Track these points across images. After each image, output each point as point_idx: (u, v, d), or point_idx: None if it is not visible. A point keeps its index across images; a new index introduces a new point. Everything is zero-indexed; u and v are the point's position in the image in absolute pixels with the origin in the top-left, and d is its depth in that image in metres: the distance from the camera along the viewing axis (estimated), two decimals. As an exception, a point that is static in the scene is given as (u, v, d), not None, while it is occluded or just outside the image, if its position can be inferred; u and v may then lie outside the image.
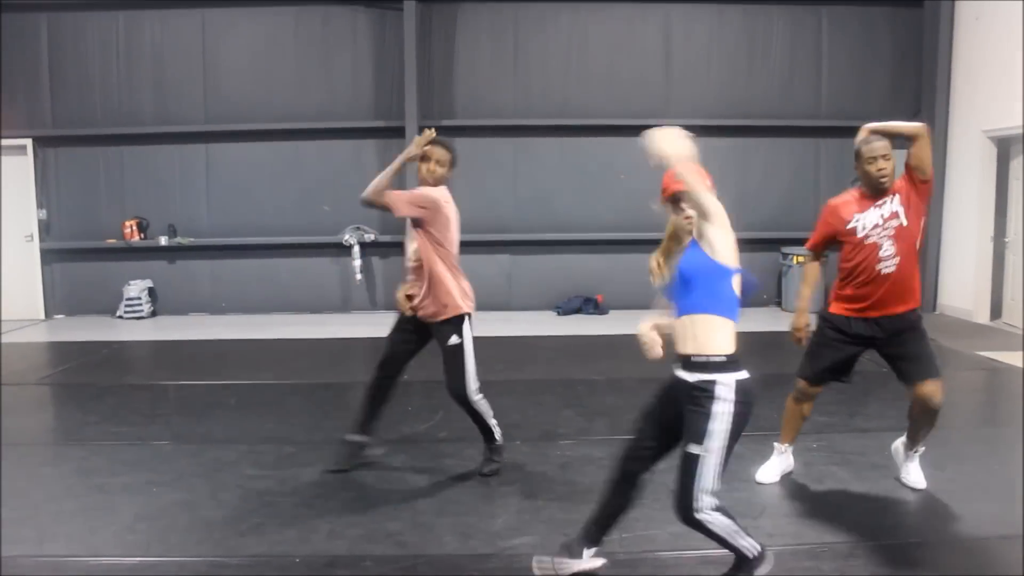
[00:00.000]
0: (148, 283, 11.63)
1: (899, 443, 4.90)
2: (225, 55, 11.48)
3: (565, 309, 11.49)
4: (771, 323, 10.63)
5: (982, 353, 8.50)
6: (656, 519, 4.29)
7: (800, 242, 11.41)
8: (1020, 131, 9.83)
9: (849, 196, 4.82)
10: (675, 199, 3.44)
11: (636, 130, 12.31)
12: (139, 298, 11.45)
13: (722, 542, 3.30)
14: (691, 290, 3.28)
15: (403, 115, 11.16)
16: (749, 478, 4.92)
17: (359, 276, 11.53)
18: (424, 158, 5.03)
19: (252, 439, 5.86)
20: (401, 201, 4.85)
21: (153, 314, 11.62)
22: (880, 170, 4.61)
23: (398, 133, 11.23)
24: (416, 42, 11.09)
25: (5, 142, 11.39)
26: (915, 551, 3.96)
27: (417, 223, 4.96)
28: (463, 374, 4.99)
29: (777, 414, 6.02)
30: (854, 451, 5.43)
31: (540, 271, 11.68)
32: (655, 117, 11.46)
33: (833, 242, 4.84)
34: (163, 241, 11.52)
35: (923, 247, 11.40)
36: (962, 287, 11.12)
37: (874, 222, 4.63)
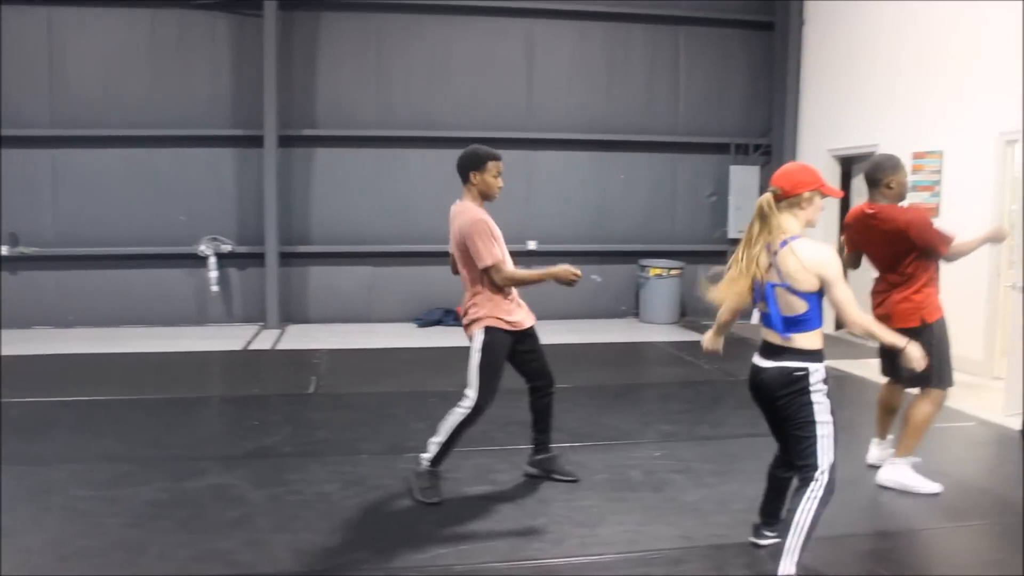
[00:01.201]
0: (-13, 295, 11.01)
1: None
2: (74, 57, 10.97)
3: (425, 321, 11.47)
4: (633, 334, 10.91)
5: (830, 363, 8.84)
6: (496, 529, 4.34)
7: (658, 254, 11.84)
8: (863, 150, 10.39)
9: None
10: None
11: (498, 143, 12.46)
12: (-23, 311, 10.83)
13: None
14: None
15: (262, 124, 10.95)
16: (592, 487, 5.01)
17: (215, 288, 11.23)
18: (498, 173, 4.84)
19: (86, 458, 5.61)
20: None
21: (-7, 328, 11.00)
22: (900, 185, 5.20)
23: (257, 142, 11.03)
24: (276, 49, 10.90)
25: None
26: (747, 555, 4.08)
27: None
28: None
29: (627, 423, 6.21)
30: (696, 459, 5.60)
31: (401, 283, 11.65)
32: (517, 130, 11.75)
33: None
34: (3, 251, 10.93)
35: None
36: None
37: None
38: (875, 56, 10.19)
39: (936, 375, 4.88)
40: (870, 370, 8.47)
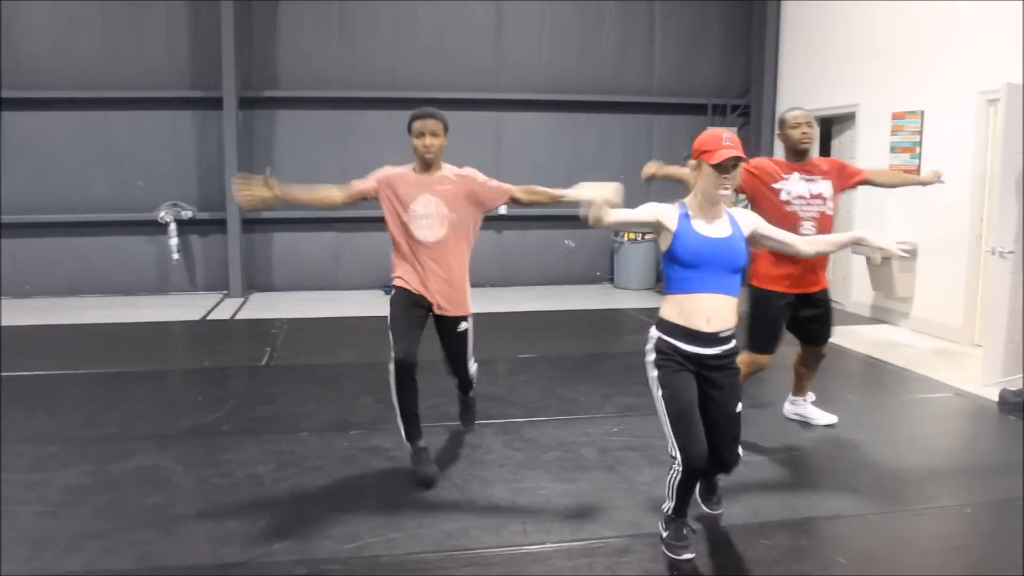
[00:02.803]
0: (-62, 264, 10.63)
1: (791, 403, 5.55)
2: (22, 14, 10.46)
3: (390, 287, 11.13)
4: (606, 301, 10.62)
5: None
6: (433, 515, 4.06)
7: (632, 219, 11.50)
8: (843, 110, 10.07)
9: (773, 159, 4.96)
10: (726, 166, 3.31)
11: (466, 103, 12.03)
12: (-73, 281, 10.46)
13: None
14: (735, 274, 3.40)
15: (221, 85, 10.53)
16: (542, 466, 4.74)
17: (176, 256, 10.87)
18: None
19: (10, 439, 5.27)
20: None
21: (-56, 298, 10.64)
22: (804, 134, 4.78)
23: (216, 104, 10.61)
24: (234, 7, 10.42)
25: None
26: (696, 544, 3.80)
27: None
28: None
29: (586, 396, 5.95)
30: (654, 434, 5.27)
31: (368, 249, 11.27)
32: (486, 91, 11.37)
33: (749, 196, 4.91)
34: (-46, 219, 10.55)
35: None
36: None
37: (799, 193, 4.78)
38: (855, 14, 9.82)
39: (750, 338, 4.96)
40: (849, 338, 8.24)
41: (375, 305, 10.28)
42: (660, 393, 3.39)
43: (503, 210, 11.29)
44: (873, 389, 6.84)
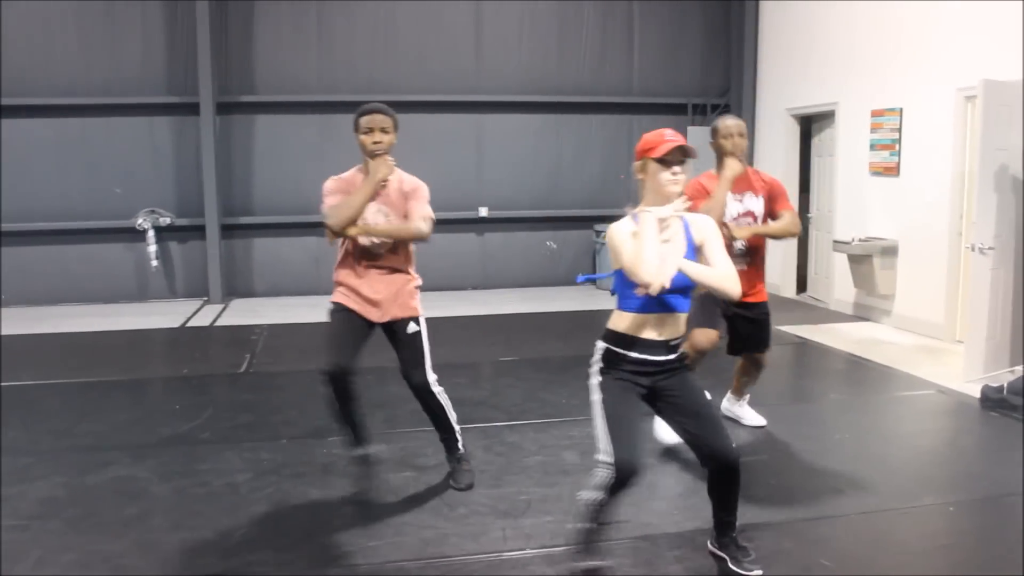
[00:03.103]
0: (-87, 275, 10.50)
1: (728, 400, 5.55)
2: (-5, 22, 10.40)
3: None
4: (588, 302, 10.58)
5: (788, 328, 8.61)
6: (411, 522, 4.01)
7: (614, 219, 11.45)
8: (822, 108, 10.08)
9: (705, 178, 4.77)
10: (671, 160, 3.14)
11: (446, 106, 11.97)
12: (-98, 292, 10.32)
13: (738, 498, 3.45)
14: (686, 296, 3.27)
15: (198, 90, 10.44)
16: (523, 470, 4.69)
17: (155, 262, 10.77)
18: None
19: (-15, 451, 5.22)
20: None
21: (-79, 309, 10.50)
22: (735, 145, 4.62)
23: (193, 110, 10.53)
24: (209, 11, 10.35)
25: None
26: (678, 547, 3.76)
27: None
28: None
29: (568, 399, 5.92)
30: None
31: (351, 254, 11.21)
32: (465, 93, 11.32)
33: None
34: (-71, 228, 10.42)
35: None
36: (770, 263, 11.25)
37: (733, 213, 4.71)
38: (834, 12, 9.84)
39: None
40: (831, 336, 8.24)
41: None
42: (597, 397, 3.24)
43: (484, 212, 11.27)
44: (855, 387, 6.83)
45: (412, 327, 4.34)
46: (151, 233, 10.71)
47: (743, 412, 5.51)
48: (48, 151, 10.63)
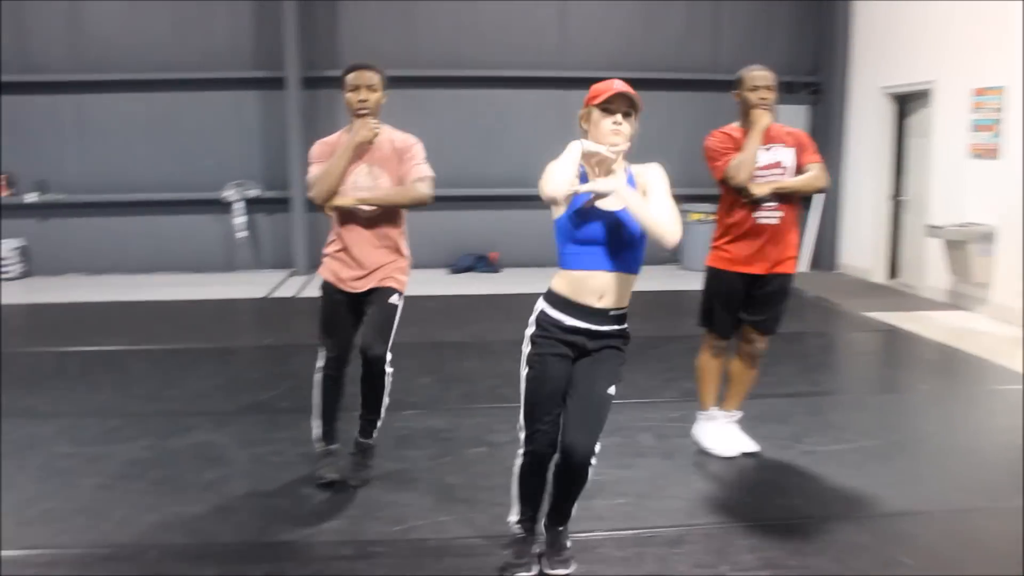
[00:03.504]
0: (18, 242, 10.95)
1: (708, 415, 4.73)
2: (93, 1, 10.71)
3: (457, 267, 11.16)
4: (671, 282, 10.45)
5: (878, 315, 8.37)
6: (482, 498, 4.01)
7: (700, 199, 11.27)
8: (919, 87, 9.70)
9: (730, 130, 4.50)
10: (613, 108, 3.06)
11: (530, 82, 11.86)
12: (8, 258, 10.78)
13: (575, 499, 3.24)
14: (632, 250, 3.08)
15: (284, 65, 10.60)
16: (598, 456, 4.64)
17: (242, 234, 11.01)
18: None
19: (78, 412, 5.42)
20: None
21: (26, 274, 10.97)
22: (762, 98, 4.33)
23: (279, 84, 10.69)
24: (297, -13, 10.50)
25: None
26: (753, 536, 3.67)
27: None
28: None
29: (647, 380, 5.81)
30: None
31: (432, 228, 11.21)
32: (549, 68, 11.23)
33: None
34: (33, 198, 10.83)
35: (824, 206, 11.39)
36: (861, 246, 11.06)
37: (762, 162, 4.32)
38: (934, -16, 9.44)
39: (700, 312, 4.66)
40: (923, 324, 7.95)
41: (439, 284, 10.31)
42: (525, 372, 3.13)
43: (566, 190, 11.16)
44: (947, 378, 6.58)
45: (394, 298, 4.09)
46: (239, 205, 10.94)
47: (729, 432, 4.65)
48: (141, 125, 10.95)
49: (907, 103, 10.26)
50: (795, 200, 4.45)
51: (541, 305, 3.15)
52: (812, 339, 7.52)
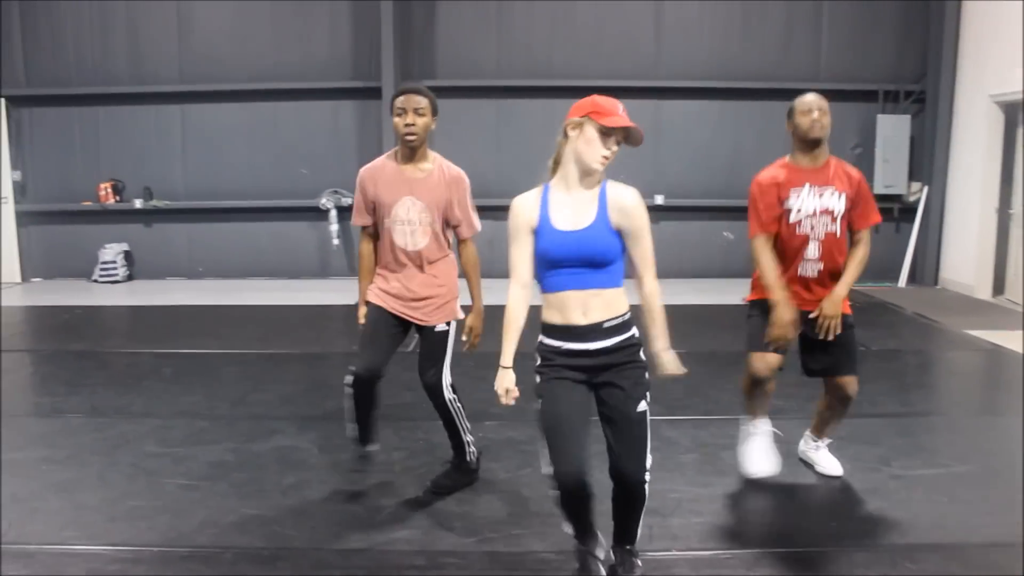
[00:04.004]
0: (124, 247, 11.40)
1: (805, 441, 4.56)
2: (200, 13, 11.10)
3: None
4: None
5: (980, 333, 7.98)
6: (554, 516, 3.94)
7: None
8: (1028, 95, 9.27)
9: (776, 170, 4.19)
10: (614, 133, 2.99)
11: (624, 92, 11.79)
12: (114, 262, 11.22)
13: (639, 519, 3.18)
14: (605, 265, 3.01)
15: (380, 75, 10.76)
16: (677, 467, 4.54)
17: (336, 241, 11.21)
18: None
19: (168, 412, 5.58)
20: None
21: (129, 278, 11.40)
22: (814, 121, 4.02)
23: (376, 94, 10.85)
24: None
25: (-23, 101, 11.16)
26: (837, 562, 3.52)
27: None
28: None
29: (732, 396, 5.67)
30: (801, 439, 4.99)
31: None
32: (644, 78, 11.11)
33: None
34: (138, 204, 11.26)
35: (925, 219, 10.96)
36: (964, 261, 10.59)
37: (809, 210, 4.03)
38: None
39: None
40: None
41: (535, 295, 10.25)
42: (537, 405, 3.06)
43: (660, 200, 11.03)
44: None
45: (442, 326, 4.12)
46: (334, 213, 11.13)
47: (819, 457, 4.49)
48: (242, 133, 11.27)
49: (1016, 112, 9.79)
50: (842, 253, 4.08)
51: (540, 338, 3.11)
52: (908, 357, 7.21)
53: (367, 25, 10.97)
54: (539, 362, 3.09)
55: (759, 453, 4.31)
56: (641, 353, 3.07)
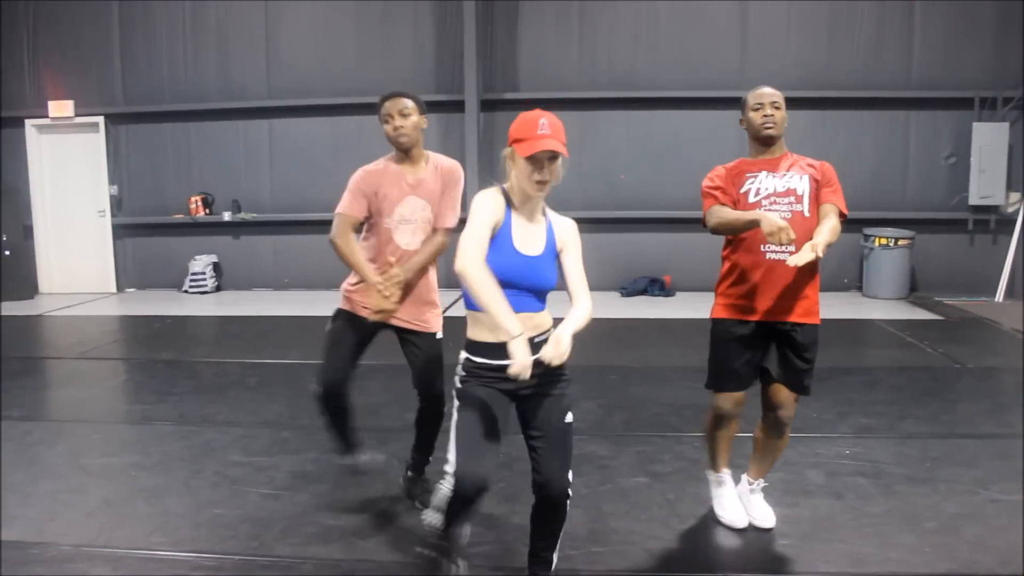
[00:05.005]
0: (213, 258, 11.71)
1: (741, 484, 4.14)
2: (287, 30, 11.40)
3: (630, 290, 11.02)
4: (852, 310, 9.94)
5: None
6: (634, 529, 3.87)
7: (885, 222, 10.66)
8: None
9: (736, 162, 3.91)
10: (540, 160, 2.93)
11: (708, 103, 11.65)
12: (203, 273, 11.54)
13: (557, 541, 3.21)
14: (541, 297, 3.08)
15: (464, 88, 10.84)
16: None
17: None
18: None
19: (252, 422, 5.69)
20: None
21: (218, 289, 11.71)
22: (767, 116, 3.76)
23: (459, 107, 10.93)
24: (477, 13, 10.74)
25: (78, 120, 11.62)
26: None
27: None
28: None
29: (820, 413, 5.54)
30: (891, 460, 4.83)
31: (605, 250, 11.15)
32: (728, 89, 10.94)
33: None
34: (227, 216, 11.55)
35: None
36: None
37: (769, 190, 3.72)
38: None
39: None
40: None
41: (611, 307, 10.23)
42: (455, 405, 3.04)
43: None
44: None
45: (440, 333, 4.29)
46: (415, 225, 11.22)
47: (751, 503, 4.02)
48: (326, 147, 11.48)
49: None
50: (808, 235, 3.57)
51: (463, 356, 3.08)
52: (1006, 375, 6.90)
53: (449, 39, 11.08)
54: (461, 375, 3.09)
55: (731, 502, 4.03)
56: (565, 369, 3.03)
